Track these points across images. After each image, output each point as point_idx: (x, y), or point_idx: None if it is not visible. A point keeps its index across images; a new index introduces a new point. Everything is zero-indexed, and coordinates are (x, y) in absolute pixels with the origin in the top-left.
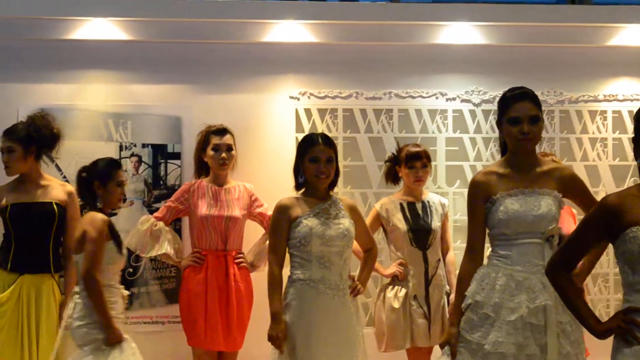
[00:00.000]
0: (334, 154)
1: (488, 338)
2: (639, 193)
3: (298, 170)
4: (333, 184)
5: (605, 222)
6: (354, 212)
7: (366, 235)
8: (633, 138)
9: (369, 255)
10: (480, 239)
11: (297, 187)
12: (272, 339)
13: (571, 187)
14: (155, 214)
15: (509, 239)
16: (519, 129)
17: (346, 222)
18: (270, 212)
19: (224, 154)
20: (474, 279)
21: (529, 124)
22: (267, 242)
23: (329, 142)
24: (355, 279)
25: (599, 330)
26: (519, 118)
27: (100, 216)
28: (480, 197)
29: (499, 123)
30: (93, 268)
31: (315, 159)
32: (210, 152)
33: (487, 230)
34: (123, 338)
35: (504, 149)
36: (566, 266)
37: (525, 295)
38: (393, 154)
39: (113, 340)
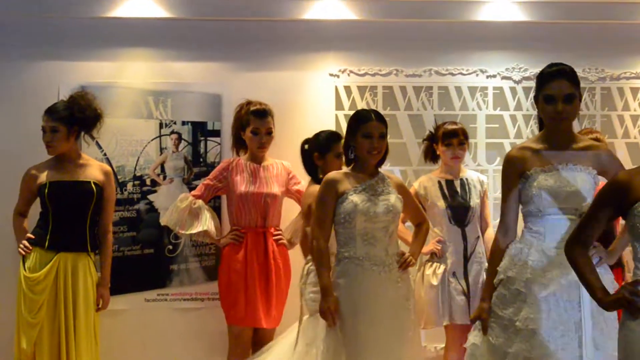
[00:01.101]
0: (386, 130)
1: (520, 314)
2: None
3: (349, 146)
4: (382, 160)
5: (616, 198)
6: (402, 189)
7: (416, 210)
8: None
9: (420, 229)
10: (514, 214)
11: (347, 162)
12: (324, 313)
13: (607, 165)
14: (194, 192)
15: (542, 215)
16: (554, 107)
17: (392, 198)
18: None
19: (263, 139)
20: (506, 254)
21: (564, 103)
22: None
23: (381, 118)
24: (407, 253)
25: (606, 301)
26: (553, 96)
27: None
28: (515, 172)
29: (536, 98)
30: None
31: (368, 135)
32: (249, 134)
33: (521, 206)
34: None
35: (541, 124)
36: (583, 243)
37: (558, 271)
38: (431, 132)
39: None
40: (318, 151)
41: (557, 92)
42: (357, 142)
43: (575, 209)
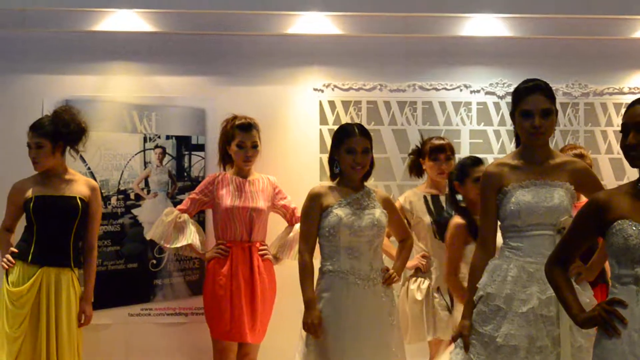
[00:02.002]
0: (370, 144)
1: (500, 331)
2: (627, 189)
3: (333, 160)
4: (367, 174)
5: (595, 218)
6: (388, 204)
7: (400, 225)
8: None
9: (404, 245)
10: (492, 230)
11: (332, 177)
12: (307, 326)
13: (584, 181)
14: (179, 207)
15: (520, 230)
16: (531, 122)
17: (377, 212)
18: (293, 205)
19: (249, 152)
20: (485, 270)
21: (541, 118)
22: (289, 234)
23: (365, 132)
24: (390, 269)
25: (582, 319)
26: (530, 111)
27: (456, 220)
28: (492, 188)
29: (512, 115)
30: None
31: (351, 150)
32: (235, 147)
33: (499, 222)
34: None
35: (518, 140)
36: (562, 262)
37: (537, 287)
38: (417, 146)
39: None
40: (457, 179)
41: (533, 107)
42: (341, 157)
43: (553, 225)
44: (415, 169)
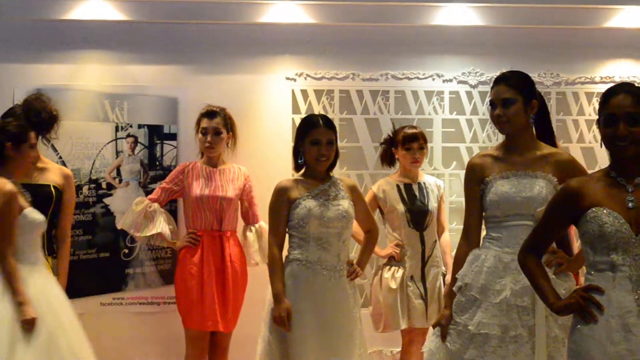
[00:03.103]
0: (334, 135)
1: (473, 319)
2: (600, 177)
3: (298, 151)
4: (332, 165)
5: (568, 205)
6: (354, 192)
7: (366, 215)
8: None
9: (370, 236)
10: (476, 221)
11: (297, 168)
12: (277, 319)
13: (570, 173)
14: (150, 196)
15: (500, 220)
16: (493, 112)
17: (345, 203)
18: (254, 207)
19: (210, 138)
20: (466, 261)
21: (502, 108)
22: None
23: (329, 124)
24: (355, 262)
25: (558, 306)
26: (493, 102)
27: None
28: (476, 179)
29: None
30: None
31: (315, 142)
32: (199, 135)
33: (483, 213)
34: None
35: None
36: (536, 250)
37: (511, 277)
38: (389, 135)
39: None
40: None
41: (495, 97)
42: (306, 148)
43: (531, 215)
44: (388, 158)
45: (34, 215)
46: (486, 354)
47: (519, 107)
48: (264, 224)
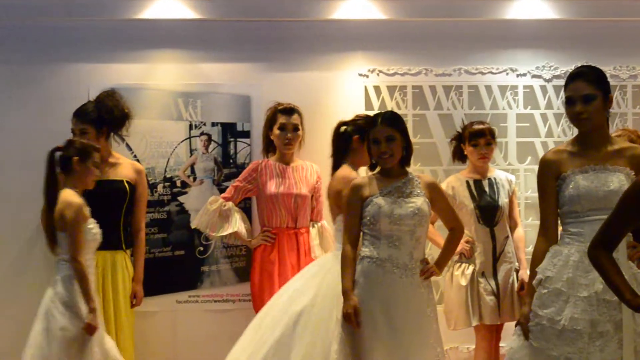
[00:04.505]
0: (396, 131)
1: (563, 314)
2: None
3: (369, 150)
4: (406, 160)
5: None
6: (433, 189)
7: (449, 212)
8: None
9: (453, 234)
10: (553, 217)
11: (372, 167)
12: (346, 316)
13: None
14: (223, 195)
15: (580, 215)
16: (572, 108)
17: (419, 201)
18: (322, 214)
19: (289, 134)
20: (546, 256)
21: (582, 104)
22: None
23: (388, 120)
24: (435, 260)
25: (637, 303)
26: (572, 98)
27: None
28: (551, 175)
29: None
30: None
31: (375, 140)
32: (276, 131)
33: (559, 209)
34: None
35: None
36: (607, 245)
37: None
38: (458, 132)
39: None
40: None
41: (574, 94)
42: (370, 148)
43: (612, 209)
44: (458, 154)
45: (94, 228)
46: (579, 351)
47: (599, 102)
48: (326, 223)
